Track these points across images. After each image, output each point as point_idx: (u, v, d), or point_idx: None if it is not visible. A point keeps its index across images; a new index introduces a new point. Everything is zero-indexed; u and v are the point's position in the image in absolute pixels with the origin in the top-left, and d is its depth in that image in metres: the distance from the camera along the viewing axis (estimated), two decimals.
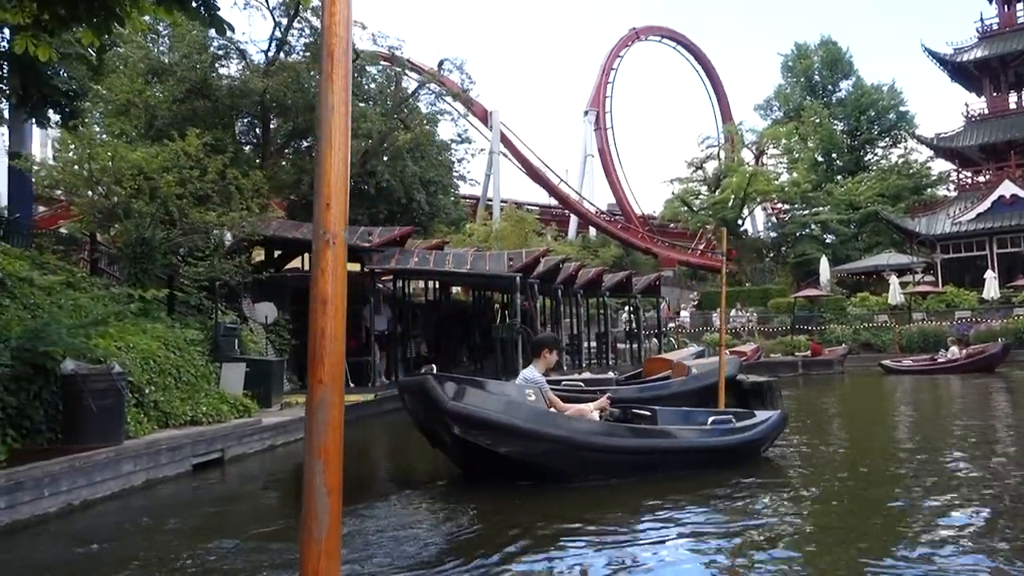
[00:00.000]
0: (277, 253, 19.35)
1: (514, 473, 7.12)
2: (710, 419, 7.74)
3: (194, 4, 6.09)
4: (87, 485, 6.23)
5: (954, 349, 23.99)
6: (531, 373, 7.61)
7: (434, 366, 12.13)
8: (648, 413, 7.99)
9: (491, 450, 7.01)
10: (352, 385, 17.06)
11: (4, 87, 17.57)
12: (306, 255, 21.39)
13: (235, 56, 18.82)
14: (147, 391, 9.46)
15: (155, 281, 15.00)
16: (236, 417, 10.79)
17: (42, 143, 27.33)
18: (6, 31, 14.31)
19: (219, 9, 6.57)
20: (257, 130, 20.15)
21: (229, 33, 6.28)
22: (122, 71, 17.85)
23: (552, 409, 7.37)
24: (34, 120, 18.00)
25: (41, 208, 25.87)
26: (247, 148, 20.53)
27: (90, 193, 13.44)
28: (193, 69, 17.52)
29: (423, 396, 7.03)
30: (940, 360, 24.00)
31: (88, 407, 6.65)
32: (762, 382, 11.95)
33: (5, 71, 17.39)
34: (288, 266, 19.68)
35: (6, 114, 18.28)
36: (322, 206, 2.49)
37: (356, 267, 19.70)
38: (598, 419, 7.51)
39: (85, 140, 14.42)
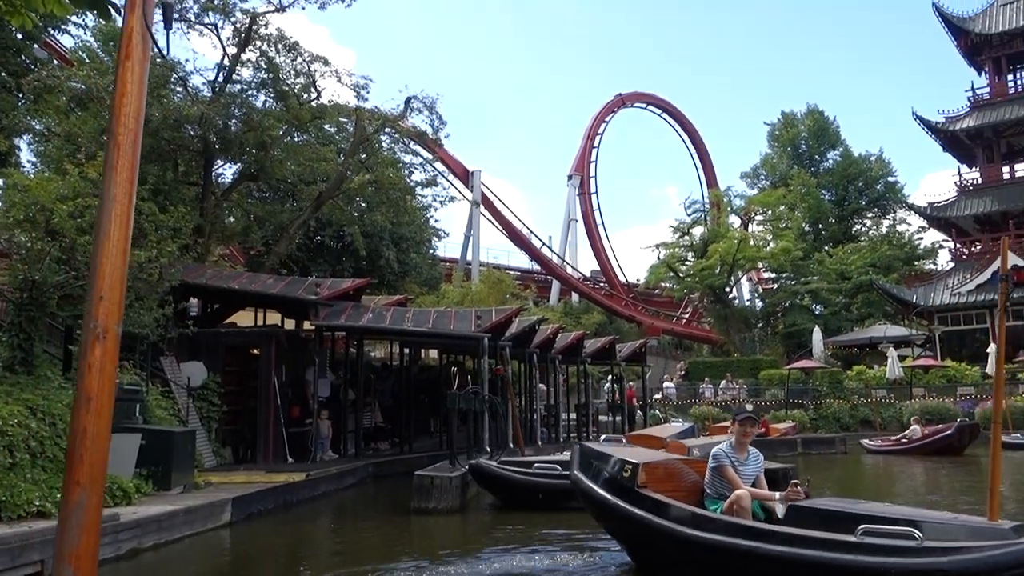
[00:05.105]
0: (215, 306, 17.11)
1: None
2: (860, 527, 5.46)
3: None
4: None
5: (916, 428, 22.33)
6: (717, 447, 6.91)
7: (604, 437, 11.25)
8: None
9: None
10: (291, 460, 14.65)
11: None
12: (258, 311, 19.22)
13: (177, 85, 16.89)
14: None
15: (50, 332, 12.74)
16: (110, 506, 8.44)
17: None
18: None
19: None
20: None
21: (167, 55, 4.93)
22: (45, 99, 15.88)
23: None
24: None
25: None
26: (192, 189, 18.44)
27: None
28: None
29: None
30: (903, 440, 22.35)
31: None
32: (776, 468, 9.61)
33: None
34: (227, 320, 17.37)
35: None
36: (95, 298, 2.85)
37: (292, 324, 17.54)
38: (782, 511, 6.29)
39: None
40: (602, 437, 11.32)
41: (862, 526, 5.41)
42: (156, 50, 4.02)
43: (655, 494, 6.48)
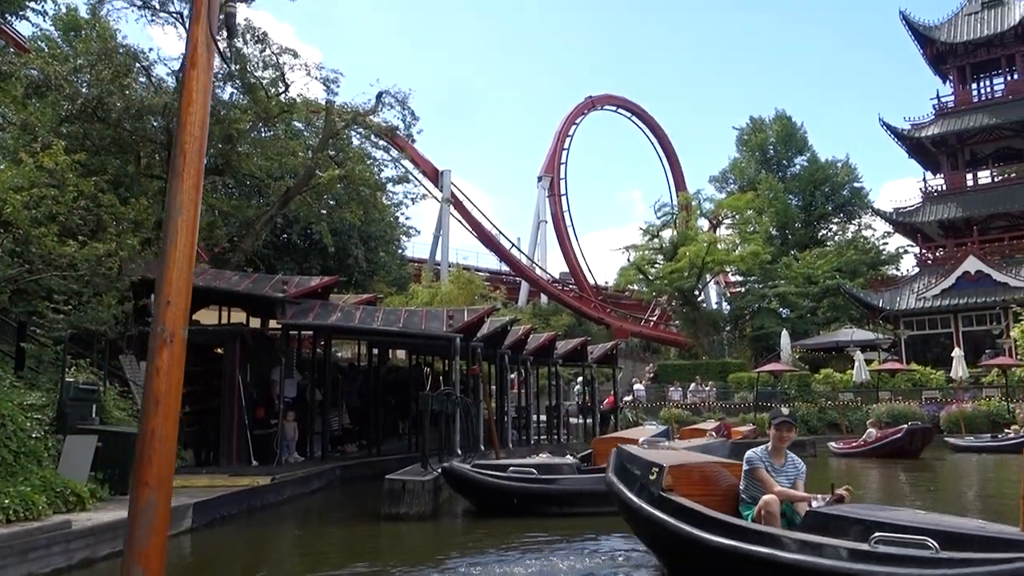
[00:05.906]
0: None
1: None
2: (874, 535, 5.15)
3: None
4: None
5: (871, 431, 22.42)
6: (751, 451, 6.56)
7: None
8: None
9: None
10: (256, 463, 14.17)
11: None
12: (223, 309, 18.68)
13: (140, 74, 16.33)
14: None
15: (1, 329, 12.18)
16: (62, 512, 7.98)
17: None
18: None
19: None
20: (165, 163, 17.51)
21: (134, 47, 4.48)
22: (0, 87, 15.23)
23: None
24: None
25: None
26: (155, 183, 17.85)
27: None
28: (86, 85, 14.97)
29: None
30: (860, 443, 22.44)
31: None
32: None
33: None
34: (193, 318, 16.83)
35: None
36: (162, 303, 2.86)
37: (258, 322, 17.06)
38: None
39: None
40: (640, 439, 11.03)
41: (876, 534, 5.18)
42: (219, 56, 3.96)
43: (681, 498, 6.27)
